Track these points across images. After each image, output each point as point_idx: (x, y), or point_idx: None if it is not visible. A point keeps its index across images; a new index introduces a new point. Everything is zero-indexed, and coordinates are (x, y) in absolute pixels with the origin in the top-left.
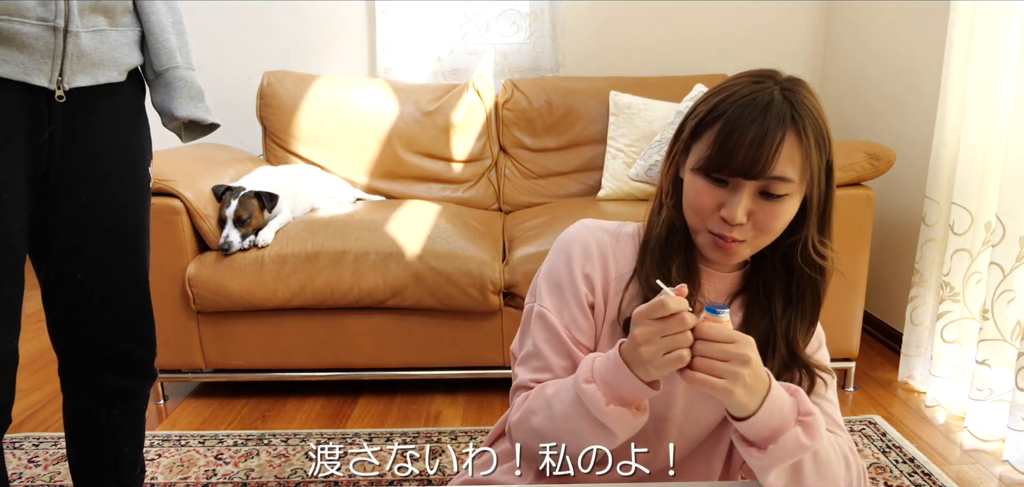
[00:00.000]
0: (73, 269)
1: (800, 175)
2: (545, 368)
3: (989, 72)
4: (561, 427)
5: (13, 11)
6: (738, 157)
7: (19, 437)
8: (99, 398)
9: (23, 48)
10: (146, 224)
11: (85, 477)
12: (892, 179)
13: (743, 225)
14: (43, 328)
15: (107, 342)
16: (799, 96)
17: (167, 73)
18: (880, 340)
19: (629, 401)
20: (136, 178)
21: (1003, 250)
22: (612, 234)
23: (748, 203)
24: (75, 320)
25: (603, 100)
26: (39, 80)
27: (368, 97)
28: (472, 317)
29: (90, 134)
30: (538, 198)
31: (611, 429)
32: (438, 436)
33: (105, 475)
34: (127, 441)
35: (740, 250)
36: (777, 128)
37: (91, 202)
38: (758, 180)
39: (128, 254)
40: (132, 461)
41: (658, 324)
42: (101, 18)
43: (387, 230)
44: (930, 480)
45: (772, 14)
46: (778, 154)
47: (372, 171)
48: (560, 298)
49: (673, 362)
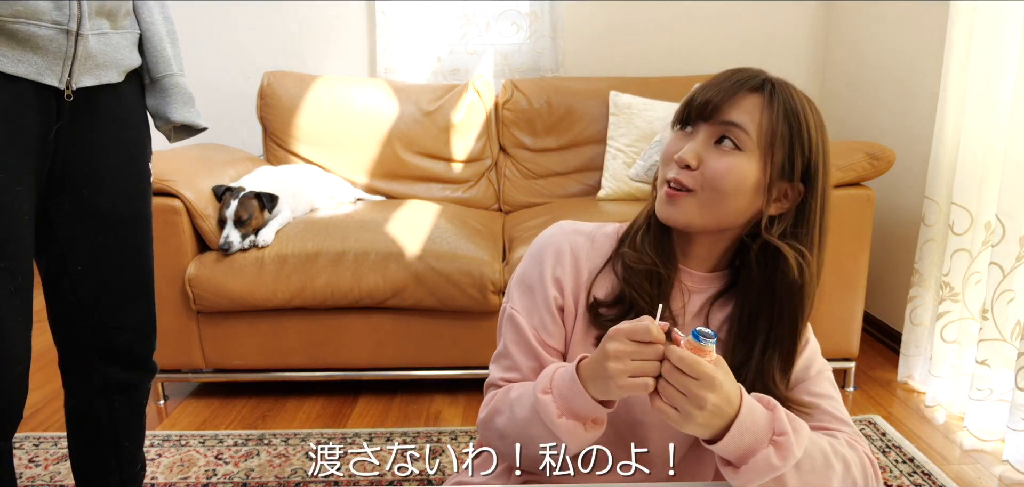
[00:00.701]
0: (73, 261)
1: (756, 134)
2: (513, 368)
3: (988, 72)
4: (520, 430)
5: (30, 14)
6: (698, 97)
7: (19, 437)
8: (99, 391)
9: (37, 49)
10: (147, 217)
11: (86, 473)
12: (892, 179)
13: (691, 170)
14: (43, 329)
15: (107, 334)
16: (782, 83)
17: (163, 79)
18: (880, 340)
19: (582, 416)
20: (136, 171)
21: (1003, 250)
22: (588, 236)
23: (699, 147)
24: (75, 312)
25: (603, 100)
26: (50, 80)
27: (368, 97)
28: (472, 317)
29: (92, 130)
30: (538, 198)
31: (563, 440)
32: (438, 436)
33: (106, 471)
34: (128, 435)
35: (684, 202)
36: (744, 84)
37: (91, 195)
38: (712, 121)
39: (127, 246)
40: (132, 457)
41: (634, 346)
42: (105, 21)
43: (387, 230)
44: (930, 480)
45: (772, 14)
46: (735, 101)
47: (372, 171)
48: (530, 300)
49: (635, 387)
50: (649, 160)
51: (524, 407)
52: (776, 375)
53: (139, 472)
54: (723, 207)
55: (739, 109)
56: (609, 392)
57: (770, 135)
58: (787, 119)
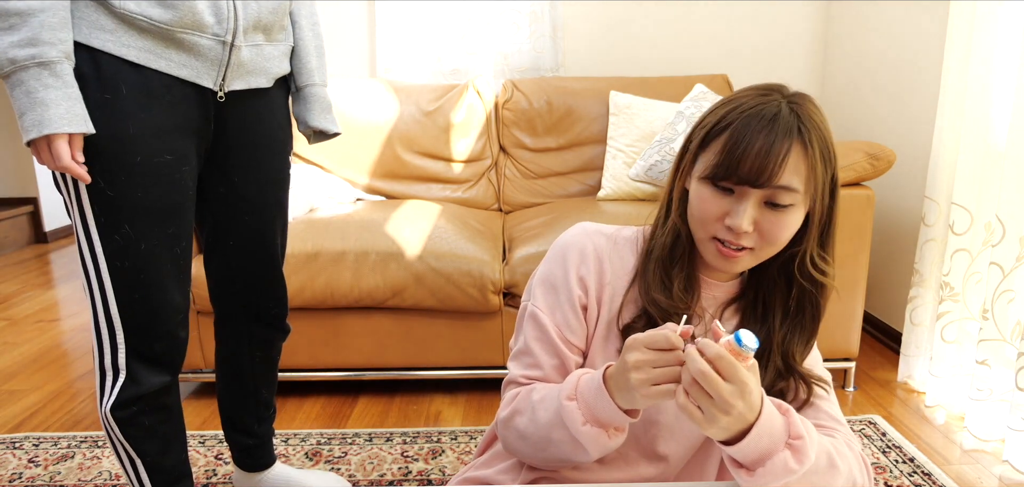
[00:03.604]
0: (225, 238)
1: (805, 187)
2: (535, 365)
3: (988, 72)
4: (542, 433)
5: (196, 26)
6: (745, 166)
7: (19, 437)
8: (244, 345)
9: (199, 56)
10: (285, 203)
11: (230, 412)
12: (892, 179)
13: (748, 233)
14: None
15: (251, 298)
16: (805, 110)
17: (305, 89)
18: (880, 340)
19: (606, 424)
20: (277, 165)
21: (1003, 250)
22: (609, 238)
23: (753, 212)
24: (227, 279)
25: (603, 100)
26: (207, 83)
27: (368, 97)
28: (472, 317)
29: (242, 127)
30: (538, 198)
31: (585, 447)
32: (438, 436)
33: (246, 412)
34: (264, 384)
35: (744, 259)
36: (784, 138)
37: (241, 183)
38: (764, 189)
39: (268, 227)
40: (267, 402)
41: (653, 355)
42: (260, 35)
43: (387, 230)
44: (930, 480)
45: (772, 14)
46: (784, 164)
47: (372, 171)
48: (554, 298)
49: (658, 394)
50: (649, 160)
51: (547, 411)
52: (796, 353)
53: (271, 414)
54: (773, 252)
55: (786, 170)
56: (634, 401)
57: (813, 181)
58: (822, 155)
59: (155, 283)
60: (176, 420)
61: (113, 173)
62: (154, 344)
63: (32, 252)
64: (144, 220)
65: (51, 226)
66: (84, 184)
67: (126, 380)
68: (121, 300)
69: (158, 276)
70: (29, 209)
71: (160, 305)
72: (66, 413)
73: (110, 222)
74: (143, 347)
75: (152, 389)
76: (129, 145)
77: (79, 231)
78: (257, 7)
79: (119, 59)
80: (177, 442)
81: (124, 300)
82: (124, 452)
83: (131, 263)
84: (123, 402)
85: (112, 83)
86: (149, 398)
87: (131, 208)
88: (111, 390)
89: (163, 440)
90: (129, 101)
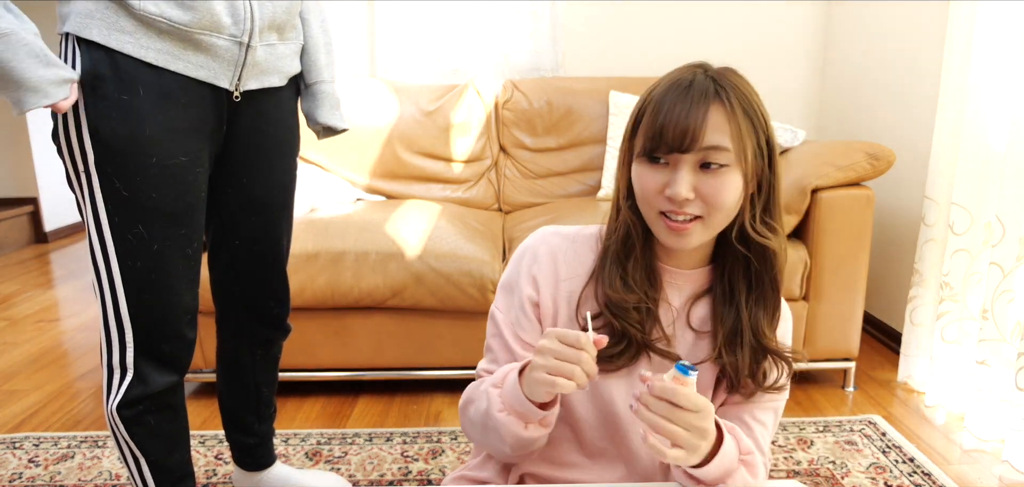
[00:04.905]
0: (231, 236)
1: (734, 145)
2: (494, 360)
3: (989, 72)
4: (481, 420)
5: (214, 27)
6: (668, 132)
7: (19, 437)
8: (246, 344)
9: (216, 57)
10: (291, 204)
11: (231, 409)
12: (892, 179)
13: (690, 201)
14: (44, 329)
15: (254, 298)
16: (724, 76)
17: (315, 86)
18: (880, 340)
19: (521, 414)
20: (284, 166)
21: (1003, 250)
22: (566, 238)
23: (690, 177)
24: (231, 278)
25: (603, 100)
26: (223, 83)
27: (368, 97)
28: (472, 317)
29: (253, 127)
30: (538, 198)
31: (500, 434)
32: (438, 436)
33: (247, 410)
34: (265, 382)
35: (695, 231)
36: (701, 101)
37: (249, 184)
38: (692, 153)
39: (273, 228)
40: (268, 400)
41: (560, 347)
42: (274, 34)
43: (387, 230)
44: (930, 480)
45: (772, 14)
46: (705, 123)
47: (372, 171)
48: (508, 299)
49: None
50: None
51: (486, 399)
52: (765, 328)
53: (272, 413)
54: (724, 219)
55: (711, 130)
56: (534, 391)
57: (740, 140)
58: (747, 114)
59: (166, 284)
60: (181, 420)
61: (128, 174)
62: (163, 344)
63: (32, 252)
64: (158, 221)
65: (51, 226)
66: (99, 185)
67: (133, 379)
68: (132, 300)
69: (169, 277)
70: (29, 209)
71: (170, 306)
72: (66, 413)
73: (123, 222)
74: (152, 347)
75: (159, 389)
76: (145, 146)
77: (91, 229)
78: (272, 7)
79: (138, 60)
80: (181, 442)
81: (135, 300)
82: (128, 450)
83: (143, 264)
84: (130, 401)
85: (130, 84)
86: (155, 398)
87: (145, 209)
88: (118, 388)
89: (168, 440)
90: (146, 102)
